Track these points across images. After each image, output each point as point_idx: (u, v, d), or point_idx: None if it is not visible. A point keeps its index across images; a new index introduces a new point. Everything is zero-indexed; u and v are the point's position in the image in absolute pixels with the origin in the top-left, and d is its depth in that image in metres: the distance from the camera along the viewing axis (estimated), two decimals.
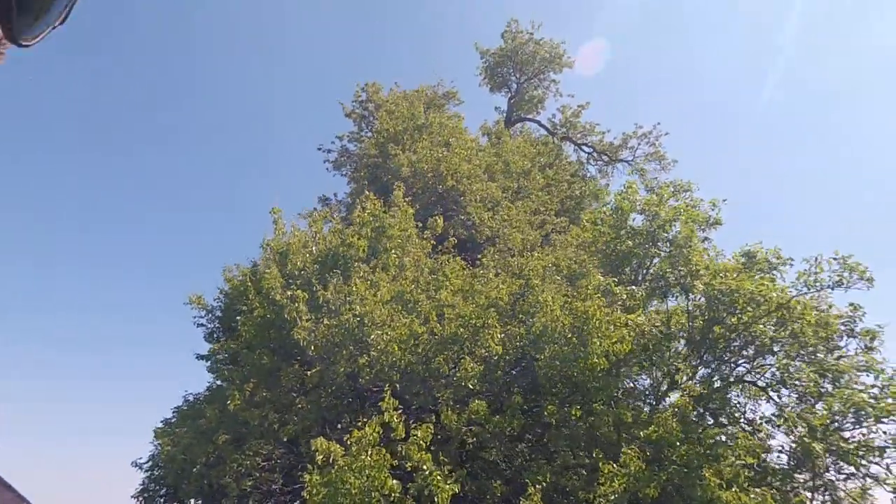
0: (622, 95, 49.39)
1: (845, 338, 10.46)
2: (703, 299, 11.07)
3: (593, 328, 8.61)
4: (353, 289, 8.36)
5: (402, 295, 9.05)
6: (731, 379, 10.95)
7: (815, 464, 8.60)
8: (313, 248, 9.76)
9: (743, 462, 8.02)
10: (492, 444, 8.50)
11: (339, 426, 8.49)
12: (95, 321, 49.96)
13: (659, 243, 11.96)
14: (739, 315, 10.56)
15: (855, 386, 10.00)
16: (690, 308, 11.26)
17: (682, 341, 11.39)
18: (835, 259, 10.44)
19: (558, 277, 11.43)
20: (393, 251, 9.81)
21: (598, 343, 8.36)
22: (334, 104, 25.61)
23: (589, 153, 27.22)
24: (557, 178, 23.63)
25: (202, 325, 15.81)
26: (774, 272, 10.72)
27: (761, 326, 10.72)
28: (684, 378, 11.17)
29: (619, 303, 10.36)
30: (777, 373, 10.44)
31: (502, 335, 9.42)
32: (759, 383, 10.96)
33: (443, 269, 10.29)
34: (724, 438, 9.13)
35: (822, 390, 9.56)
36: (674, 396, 9.95)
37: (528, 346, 9.11)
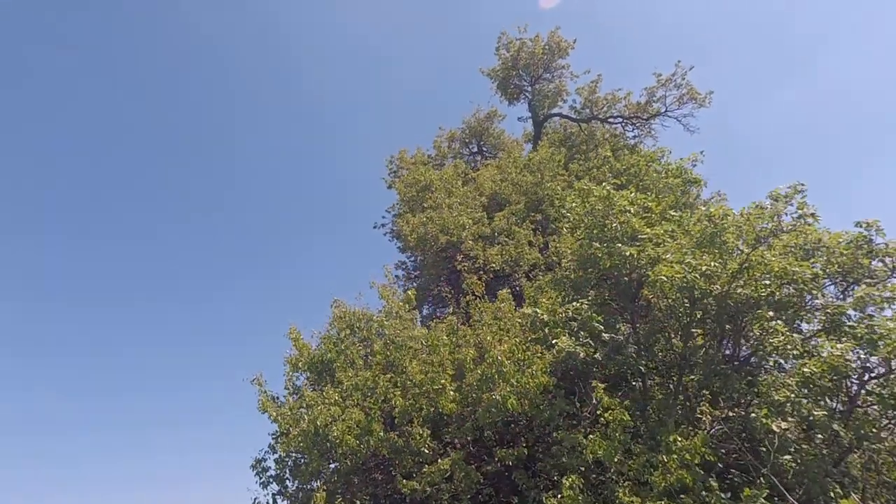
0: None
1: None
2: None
3: (507, 373, 9.05)
4: (306, 396, 10.17)
5: (359, 385, 10.51)
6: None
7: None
8: (299, 363, 11.82)
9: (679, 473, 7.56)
10: (461, 498, 9.31)
11: None
12: None
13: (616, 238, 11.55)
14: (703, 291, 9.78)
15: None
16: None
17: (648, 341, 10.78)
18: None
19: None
20: (353, 347, 11.42)
21: (502, 388, 8.77)
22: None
23: (620, 123, 25.70)
24: (587, 167, 22.91)
25: None
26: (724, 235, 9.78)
27: (739, 291, 9.78)
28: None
29: (570, 325, 10.43)
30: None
31: (456, 392, 10.26)
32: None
33: (406, 343, 11.51)
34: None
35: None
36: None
37: (471, 399, 9.81)
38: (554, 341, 9.69)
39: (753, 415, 7.90)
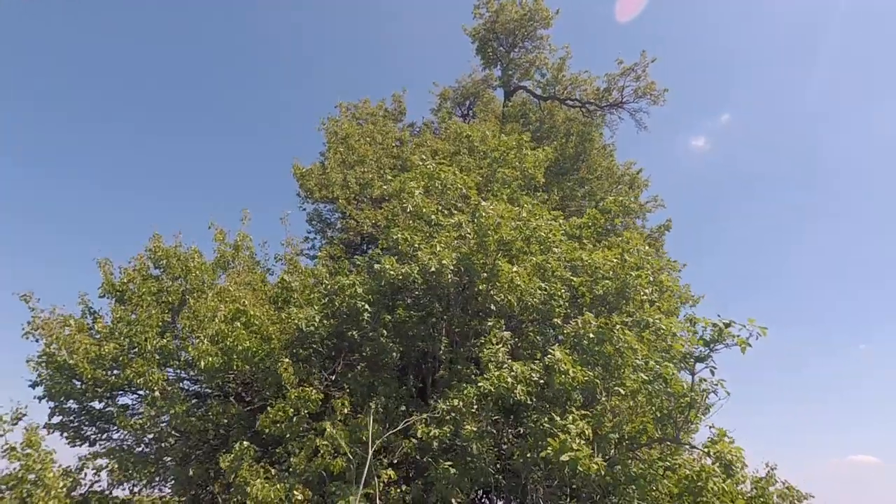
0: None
1: None
2: None
3: (222, 334, 9.22)
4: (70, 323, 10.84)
5: (123, 318, 10.85)
6: None
7: None
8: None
9: None
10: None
11: None
12: None
13: None
14: None
15: None
16: None
17: None
18: None
19: None
20: (142, 282, 11.76)
21: (205, 346, 8.98)
22: None
23: (577, 107, 24.28)
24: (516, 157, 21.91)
25: None
26: None
27: None
28: None
29: None
30: None
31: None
32: None
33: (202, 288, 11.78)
34: None
35: None
36: None
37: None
38: (290, 309, 9.70)
39: (415, 417, 7.80)
